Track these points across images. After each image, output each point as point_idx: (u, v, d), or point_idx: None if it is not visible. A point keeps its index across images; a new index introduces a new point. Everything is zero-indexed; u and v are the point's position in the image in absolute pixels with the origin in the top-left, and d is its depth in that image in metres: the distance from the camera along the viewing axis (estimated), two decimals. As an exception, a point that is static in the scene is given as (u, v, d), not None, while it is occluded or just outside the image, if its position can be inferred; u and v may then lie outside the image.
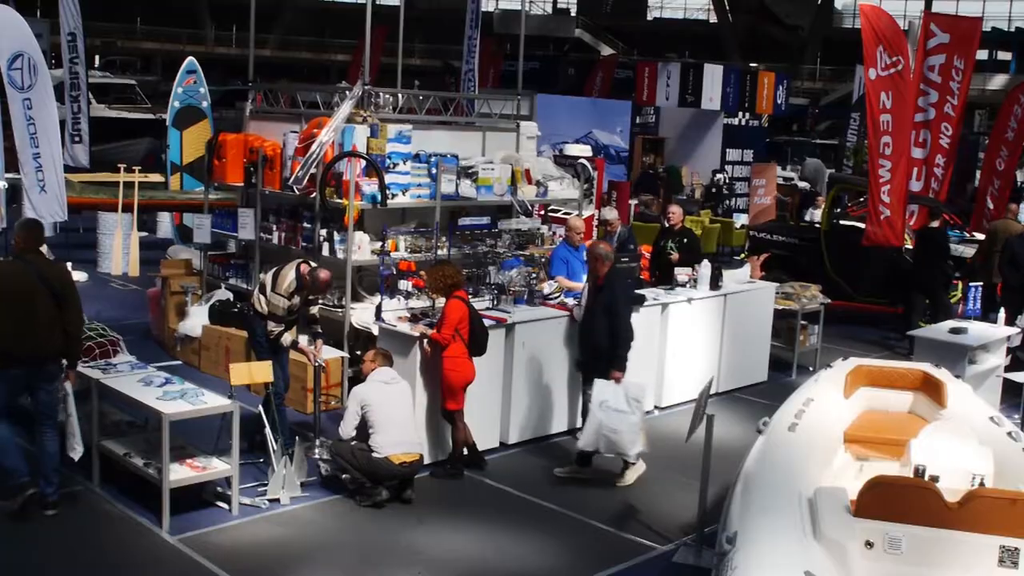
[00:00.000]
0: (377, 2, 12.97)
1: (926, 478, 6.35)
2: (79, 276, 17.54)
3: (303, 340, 10.13)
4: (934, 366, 8.99)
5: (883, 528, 5.97)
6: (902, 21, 19.49)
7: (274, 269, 9.92)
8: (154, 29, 65.28)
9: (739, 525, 6.23)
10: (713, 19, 72.47)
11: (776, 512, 6.25)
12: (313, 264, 9.87)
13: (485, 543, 8.39)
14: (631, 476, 9.73)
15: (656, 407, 12.02)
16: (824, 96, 60.29)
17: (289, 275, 9.69)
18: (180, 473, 8.38)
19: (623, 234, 13.42)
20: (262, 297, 9.80)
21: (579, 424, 10.88)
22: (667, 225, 14.00)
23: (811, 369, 13.36)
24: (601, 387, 9.38)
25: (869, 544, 5.97)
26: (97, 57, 50.64)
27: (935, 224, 15.92)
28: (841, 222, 18.13)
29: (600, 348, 9.74)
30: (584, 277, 10.87)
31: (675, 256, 13.18)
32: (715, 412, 8.26)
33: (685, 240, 13.51)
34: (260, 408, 9.39)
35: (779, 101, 28.73)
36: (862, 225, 16.64)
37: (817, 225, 18.67)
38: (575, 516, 8.95)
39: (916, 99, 16.79)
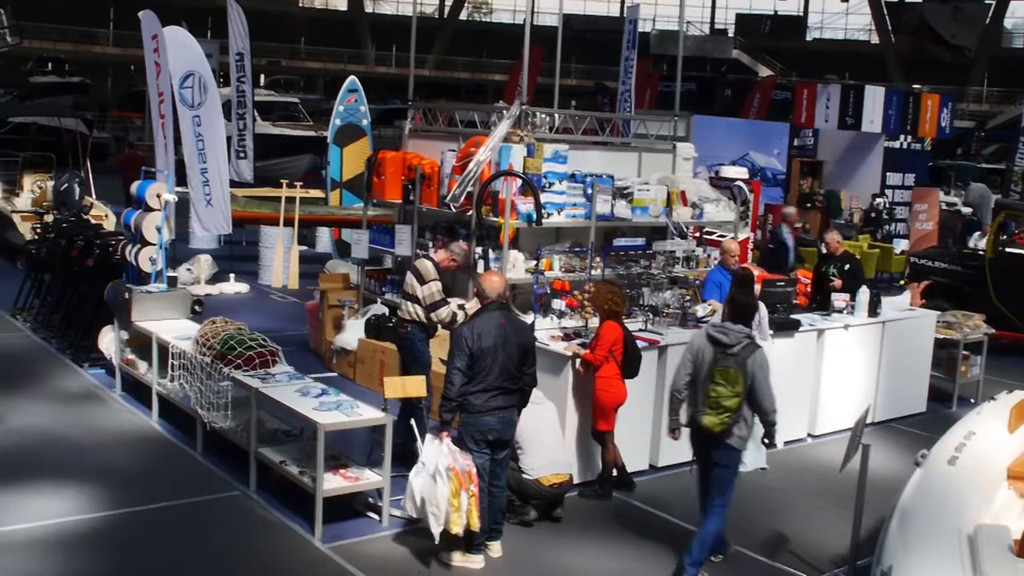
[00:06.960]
0: (534, 23, 13.09)
1: (1096, 519, 6.10)
2: (241, 287, 18.17)
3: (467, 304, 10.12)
4: (1107, 402, 8.62)
5: (1049, 570, 5.74)
6: (1077, 42, 18.80)
7: (407, 278, 10.19)
8: (317, 49, 67.35)
9: (894, 560, 6.07)
10: (875, 40, 71.24)
11: (934, 548, 6.07)
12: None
13: (633, 565, 8.34)
14: (456, 558, 8.03)
15: (810, 435, 11.81)
16: (991, 119, 58.56)
17: (425, 264, 10.13)
18: (333, 483, 8.55)
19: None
20: (413, 306, 9.97)
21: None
22: (827, 251, 13.77)
23: (972, 401, 12.99)
24: (427, 445, 7.98)
25: (1034, 586, 5.74)
26: (263, 76, 52.37)
27: None
28: (1007, 250, 17.54)
29: None
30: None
31: (838, 283, 12.94)
32: (871, 442, 8.08)
33: (847, 266, 13.30)
34: (412, 421, 9.46)
35: (943, 124, 28.01)
36: (1030, 253, 16.10)
37: (982, 252, 18.11)
38: (724, 542, 8.82)
39: (1091, 123, 16.20)
